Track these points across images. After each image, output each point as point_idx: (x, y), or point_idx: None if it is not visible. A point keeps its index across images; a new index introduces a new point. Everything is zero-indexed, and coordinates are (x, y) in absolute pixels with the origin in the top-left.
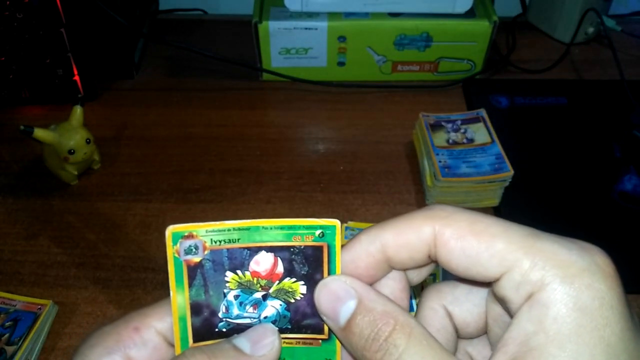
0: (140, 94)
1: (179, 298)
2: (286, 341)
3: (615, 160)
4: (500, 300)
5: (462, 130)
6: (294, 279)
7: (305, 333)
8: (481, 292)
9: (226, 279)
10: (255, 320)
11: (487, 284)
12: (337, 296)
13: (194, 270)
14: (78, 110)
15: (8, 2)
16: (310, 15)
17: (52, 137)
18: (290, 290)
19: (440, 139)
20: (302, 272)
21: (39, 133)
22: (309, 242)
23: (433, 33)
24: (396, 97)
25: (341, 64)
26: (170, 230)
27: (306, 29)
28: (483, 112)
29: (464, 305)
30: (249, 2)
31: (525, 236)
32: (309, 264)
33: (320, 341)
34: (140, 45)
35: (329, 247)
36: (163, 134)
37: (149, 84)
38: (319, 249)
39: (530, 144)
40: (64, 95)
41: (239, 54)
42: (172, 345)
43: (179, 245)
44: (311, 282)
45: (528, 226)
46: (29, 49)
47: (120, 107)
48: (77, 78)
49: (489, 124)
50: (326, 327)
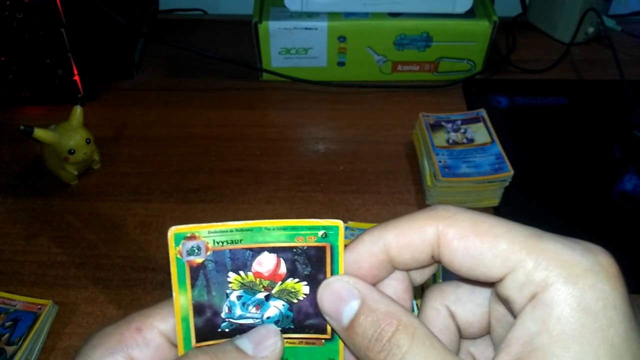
0: (140, 94)
1: (182, 299)
2: (289, 341)
3: (615, 160)
4: (504, 300)
5: (462, 130)
6: (296, 280)
7: (308, 333)
8: (484, 292)
9: (229, 279)
10: (258, 320)
11: (490, 284)
12: (340, 296)
13: (196, 271)
14: (78, 110)
15: (8, 2)
16: (310, 15)
17: (52, 137)
18: (293, 290)
19: (440, 139)
20: (305, 273)
21: (39, 133)
22: (312, 243)
23: (433, 33)
24: (396, 97)
25: (341, 64)
26: (173, 231)
27: (306, 29)
28: (483, 112)
29: (466, 305)
30: (249, 2)
31: (528, 236)
32: (312, 264)
33: (323, 341)
34: (140, 45)
35: (331, 247)
36: (163, 134)
37: (149, 84)
38: (321, 249)
39: (530, 144)
40: (64, 95)
41: (239, 54)
42: (174, 345)
43: (181, 246)
44: (314, 282)
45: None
46: (29, 49)
47: (120, 107)
48: (77, 78)
49: (489, 124)
50: (329, 327)
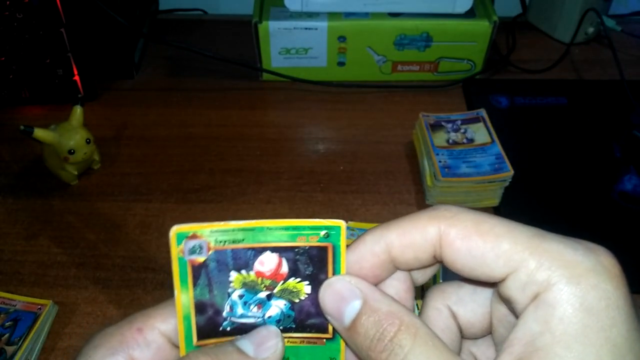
0: (140, 94)
1: (183, 297)
2: (290, 340)
3: (615, 160)
4: (506, 300)
5: (462, 130)
6: (298, 279)
7: (310, 332)
8: (486, 292)
9: (230, 278)
10: (259, 319)
11: (492, 284)
12: (342, 296)
13: (198, 270)
14: (78, 110)
15: (8, 2)
16: (310, 15)
17: (52, 137)
18: (295, 290)
19: (440, 139)
20: (307, 272)
21: (39, 133)
22: (314, 243)
23: (433, 33)
24: (396, 97)
25: (341, 64)
26: (175, 230)
27: (306, 29)
28: (483, 112)
29: (468, 305)
30: (249, 2)
31: (531, 236)
32: (314, 264)
33: (325, 340)
34: (140, 45)
35: (333, 247)
36: (163, 134)
37: (149, 84)
38: (323, 249)
39: (530, 144)
40: (64, 95)
41: (239, 54)
42: (175, 346)
43: (183, 245)
44: (316, 282)
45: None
46: (29, 49)
47: (120, 107)
48: (77, 78)
49: (489, 124)
50: (330, 327)
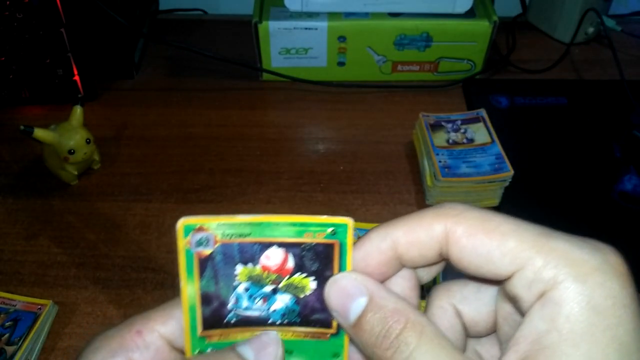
0: (140, 94)
1: (190, 288)
2: (294, 334)
3: (615, 160)
4: (512, 298)
5: (462, 130)
6: (304, 275)
7: (314, 327)
8: (490, 290)
9: (236, 272)
10: (264, 313)
11: (498, 282)
12: (348, 293)
13: (204, 262)
14: (78, 110)
15: (8, 2)
16: (310, 15)
17: (52, 137)
18: (300, 285)
19: (440, 139)
20: (313, 268)
21: (39, 133)
22: (320, 239)
23: (433, 33)
24: (396, 97)
25: (341, 64)
26: (182, 222)
27: (306, 29)
28: (483, 112)
29: (473, 304)
30: (249, 2)
31: (537, 235)
32: (320, 260)
33: (329, 335)
34: (140, 45)
35: (340, 244)
36: (163, 134)
37: (149, 84)
38: (330, 246)
39: (530, 144)
40: (64, 95)
41: (239, 54)
42: (174, 348)
43: (190, 237)
44: (321, 278)
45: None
46: (29, 49)
47: (120, 107)
48: (77, 78)
49: (489, 124)
50: (334, 322)
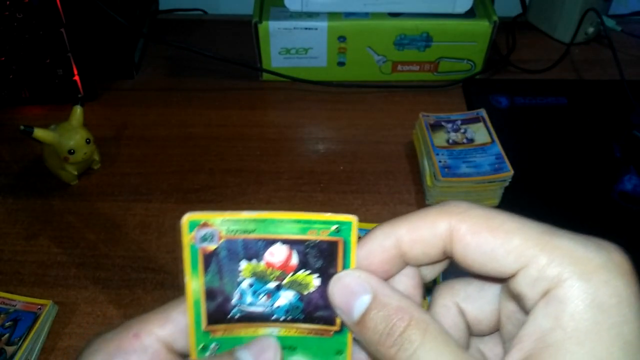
0: (140, 94)
1: (194, 283)
2: (298, 331)
3: (615, 160)
4: (516, 296)
5: (462, 130)
6: (308, 272)
7: (318, 324)
8: (494, 289)
9: (240, 267)
10: (268, 309)
11: (501, 280)
12: (351, 290)
13: (209, 258)
14: (78, 110)
15: (8, 2)
16: (310, 15)
17: (52, 137)
18: (304, 282)
19: (440, 139)
20: (317, 266)
21: (39, 133)
22: (324, 237)
23: (433, 33)
24: (396, 97)
25: (341, 64)
26: (187, 218)
27: (306, 29)
28: (483, 112)
29: (476, 302)
30: (249, 2)
31: (541, 233)
32: (324, 257)
33: (332, 332)
34: (140, 45)
35: (344, 242)
36: (163, 134)
37: (149, 84)
38: (334, 243)
39: (530, 144)
40: (64, 95)
41: (239, 54)
42: (172, 351)
43: (195, 232)
44: (325, 275)
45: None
46: (29, 49)
47: (120, 107)
48: (77, 78)
49: (489, 124)
50: (338, 319)
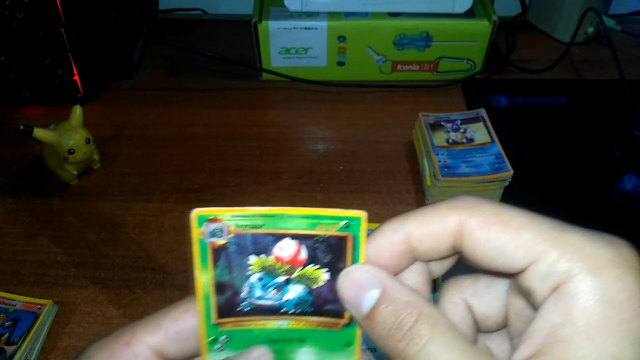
0: (140, 94)
1: (204, 278)
2: (307, 324)
3: (615, 160)
4: (525, 292)
5: (462, 130)
6: (317, 267)
7: (327, 317)
8: (502, 285)
9: (250, 262)
10: (277, 302)
11: (511, 275)
12: (361, 285)
13: (218, 252)
14: (78, 110)
15: (8, 2)
16: (310, 15)
17: (52, 137)
18: (313, 277)
19: (440, 139)
20: (326, 261)
21: (39, 133)
22: (334, 232)
23: (433, 33)
24: (396, 97)
25: (341, 64)
26: (196, 213)
27: (306, 29)
28: (483, 112)
29: (484, 298)
30: (249, 2)
31: (552, 228)
32: (333, 253)
33: (342, 325)
34: (140, 45)
35: (353, 237)
36: (163, 134)
37: (149, 84)
38: (343, 239)
39: (530, 144)
40: (64, 95)
41: (239, 54)
42: (163, 359)
43: (204, 227)
44: (334, 270)
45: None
46: (29, 49)
47: (120, 107)
48: (77, 78)
49: (489, 124)
50: (347, 313)
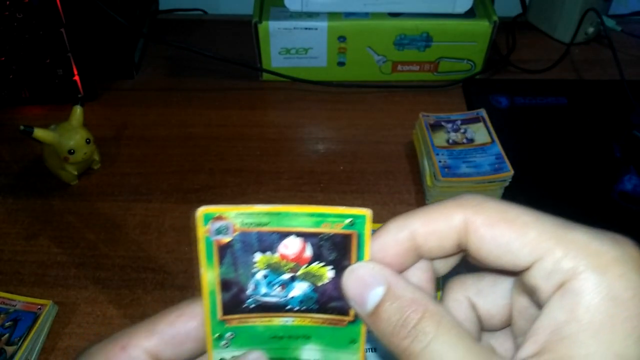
0: (140, 94)
1: (209, 275)
2: (312, 320)
3: (615, 160)
4: (529, 289)
5: (462, 130)
6: (321, 264)
7: (331, 314)
8: (506, 284)
9: (255, 259)
10: (282, 299)
11: (515, 273)
12: (365, 282)
13: (223, 250)
14: (78, 110)
15: (8, 2)
16: (310, 15)
17: (52, 137)
18: (318, 274)
19: (440, 139)
20: (330, 258)
21: (39, 133)
22: (338, 230)
23: (433, 33)
24: (396, 97)
25: (341, 64)
26: (202, 211)
27: (306, 29)
28: (483, 112)
29: (488, 297)
30: (249, 2)
31: (557, 226)
32: (338, 250)
33: (346, 322)
34: (140, 45)
35: (358, 235)
36: (163, 134)
37: (149, 84)
38: (348, 236)
39: (530, 144)
40: (64, 95)
41: (239, 54)
42: None
43: (210, 225)
44: (339, 267)
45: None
46: (29, 49)
47: (120, 107)
48: (77, 78)
49: (489, 124)
50: (352, 310)
